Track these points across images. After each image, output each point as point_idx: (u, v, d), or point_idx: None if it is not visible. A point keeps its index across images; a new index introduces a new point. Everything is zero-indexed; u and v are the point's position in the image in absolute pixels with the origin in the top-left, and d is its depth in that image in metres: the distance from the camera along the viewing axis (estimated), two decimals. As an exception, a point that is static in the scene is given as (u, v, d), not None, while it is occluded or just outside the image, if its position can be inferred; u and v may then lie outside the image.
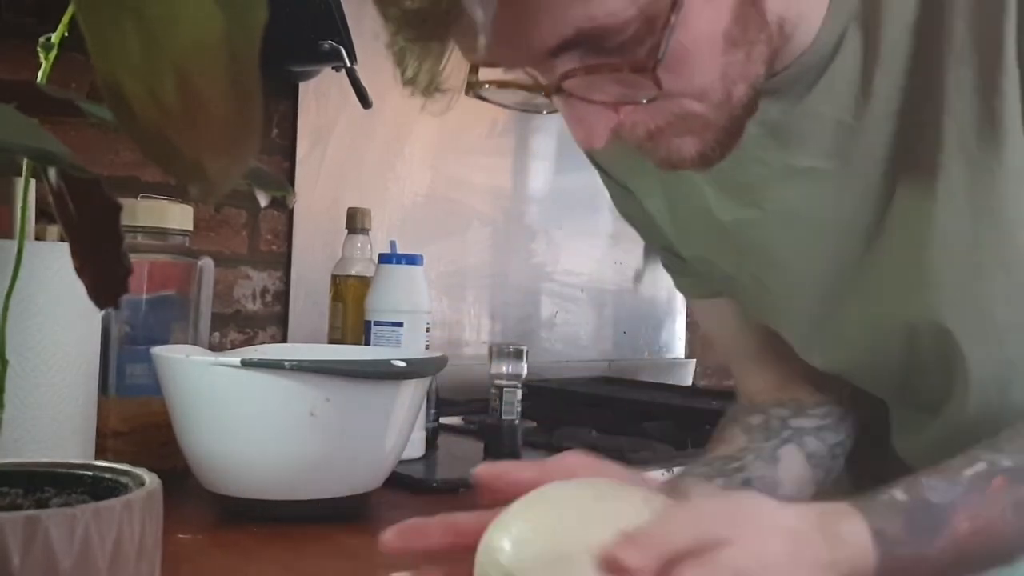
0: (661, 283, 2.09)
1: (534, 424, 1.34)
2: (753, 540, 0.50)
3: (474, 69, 0.58)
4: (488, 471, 0.56)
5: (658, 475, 0.69)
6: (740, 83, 0.58)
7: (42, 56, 0.44)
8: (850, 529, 0.53)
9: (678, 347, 2.15)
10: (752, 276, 0.75)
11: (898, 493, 0.56)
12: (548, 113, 0.61)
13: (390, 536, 0.53)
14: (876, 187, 0.65)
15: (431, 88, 0.56)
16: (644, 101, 0.56)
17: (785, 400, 0.81)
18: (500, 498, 0.54)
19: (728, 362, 0.87)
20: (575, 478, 0.55)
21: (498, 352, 1.30)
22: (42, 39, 0.44)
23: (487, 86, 0.59)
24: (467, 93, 0.59)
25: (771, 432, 0.78)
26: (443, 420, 1.25)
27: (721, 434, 0.80)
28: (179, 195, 1.00)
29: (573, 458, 0.58)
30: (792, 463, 0.77)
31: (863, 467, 0.83)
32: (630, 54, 0.54)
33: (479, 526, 0.53)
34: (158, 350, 0.84)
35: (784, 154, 0.67)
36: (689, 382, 2.12)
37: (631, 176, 0.81)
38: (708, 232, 0.75)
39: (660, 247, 0.85)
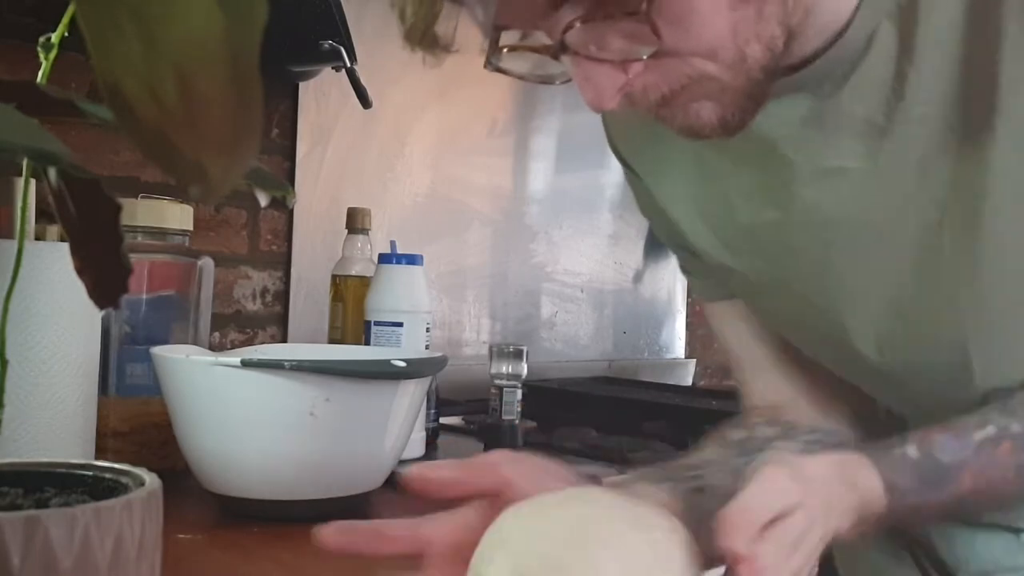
0: (661, 283, 2.09)
1: (534, 424, 1.35)
2: (809, 502, 0.54)
3: (493, 43, 0.58)
4: (415, 473, 0.58)
5: (607, 475, 0.70)
6: (753, 43, 0.57)
7: (42, 56, 0.44)
8: (865, 478, 0.59)
9: (678, 347, 2.15)
10: (774, 281, 0.73)
11: (911, 449, 0.61)
12: (562, 83, 0.60)
13: (329, 532, 0.56)
14: (911, 188, 0.64)
15: (427, 40, 0.57)
16: (645, 56, 0.56)
17: (778, 422, 0.80)
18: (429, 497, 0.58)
19: (736, 369, 0.86)
20: (500, 477, 0.57)
21: (498, 352, 1.30)
22: (42, 39, 0.44)
23: (504, 50, 0.58)
24: (485, 66, 0.59)
25: (747, 450, 0.77)
26: (443, 420, 1.25)
27: (699, 446, 0.79)
28: (179, 195, 1.00)
29: (497, 456, 0.60)
30: None
31: None
32: (630, 5, 0.54)
33: (407, 534, 0.57)
34: (158, 350, 0.84)
35: (811, 154, 0.66)
36: (689, 382, 2.12)
37: (654, 176, 0.80)
38: (730, 235, 0.74)
39: (678, 248, 0.84)
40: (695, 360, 2.15)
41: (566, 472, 0.61)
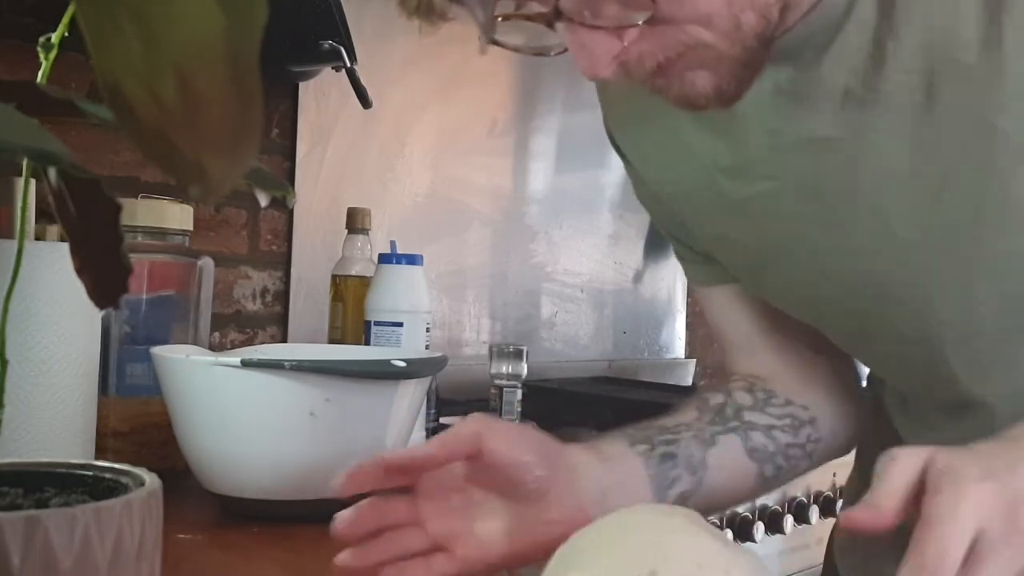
0: (661, 283, 2.09)
1: (534, 424, 1.35)
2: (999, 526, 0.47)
3: (489, 13, 0.59)
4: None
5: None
6: (748, 11, 0.57)
7: (42, 56, 0.44)
8: None
9: (678, 347, 2.15)
10: (770, 253, 0.74)
11: None
12: (557, 54, 0.60)
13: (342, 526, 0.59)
14: (899, 157, 0.64)
15: (422, 8, 0.57)
16: (639, 22, 0.56)
17: (755, 389, 0.80)
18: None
19: (725, 351, 0.87)
20: (477, 442, 0.59)
21: (498, 352, 1.30)
22: (42, 39, 0.44)
23: (499, 20, 0.58)
24: (480, 39, 0.59)
25: (721, 418, 0.77)
26: (443, 420, 1.25)
27: (680, 406, 0.80)
28: (179, 195, 1.00)
29: (474, 424, 0.61)
30: (728, 451, 0.76)
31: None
32: None
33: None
34: (158, 350, 0.83)
35: (796, 124, 0.66)
36: (689, 382, 2.12)
37: (643, 159, 0.80)
38: (725, 212, 0.74)
39: (671, 235, 0.84)
40: (695, 360, 2.15)
41: (539, 434, 0.64)
